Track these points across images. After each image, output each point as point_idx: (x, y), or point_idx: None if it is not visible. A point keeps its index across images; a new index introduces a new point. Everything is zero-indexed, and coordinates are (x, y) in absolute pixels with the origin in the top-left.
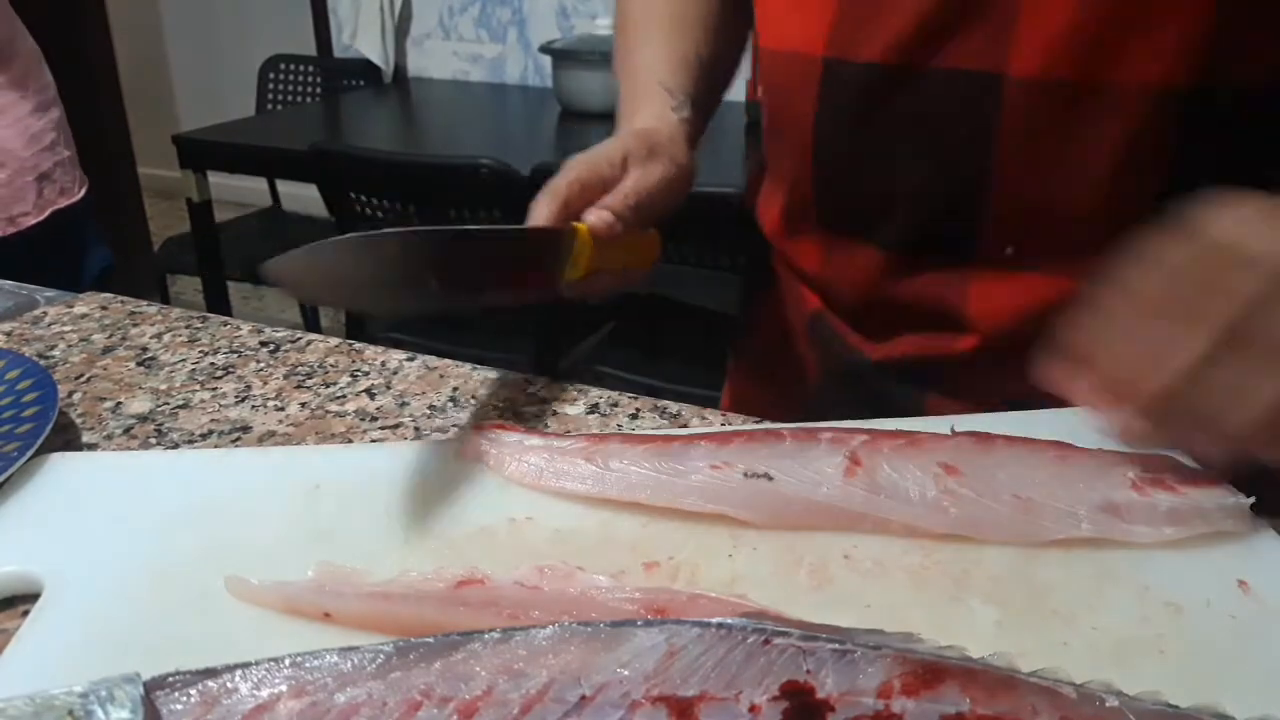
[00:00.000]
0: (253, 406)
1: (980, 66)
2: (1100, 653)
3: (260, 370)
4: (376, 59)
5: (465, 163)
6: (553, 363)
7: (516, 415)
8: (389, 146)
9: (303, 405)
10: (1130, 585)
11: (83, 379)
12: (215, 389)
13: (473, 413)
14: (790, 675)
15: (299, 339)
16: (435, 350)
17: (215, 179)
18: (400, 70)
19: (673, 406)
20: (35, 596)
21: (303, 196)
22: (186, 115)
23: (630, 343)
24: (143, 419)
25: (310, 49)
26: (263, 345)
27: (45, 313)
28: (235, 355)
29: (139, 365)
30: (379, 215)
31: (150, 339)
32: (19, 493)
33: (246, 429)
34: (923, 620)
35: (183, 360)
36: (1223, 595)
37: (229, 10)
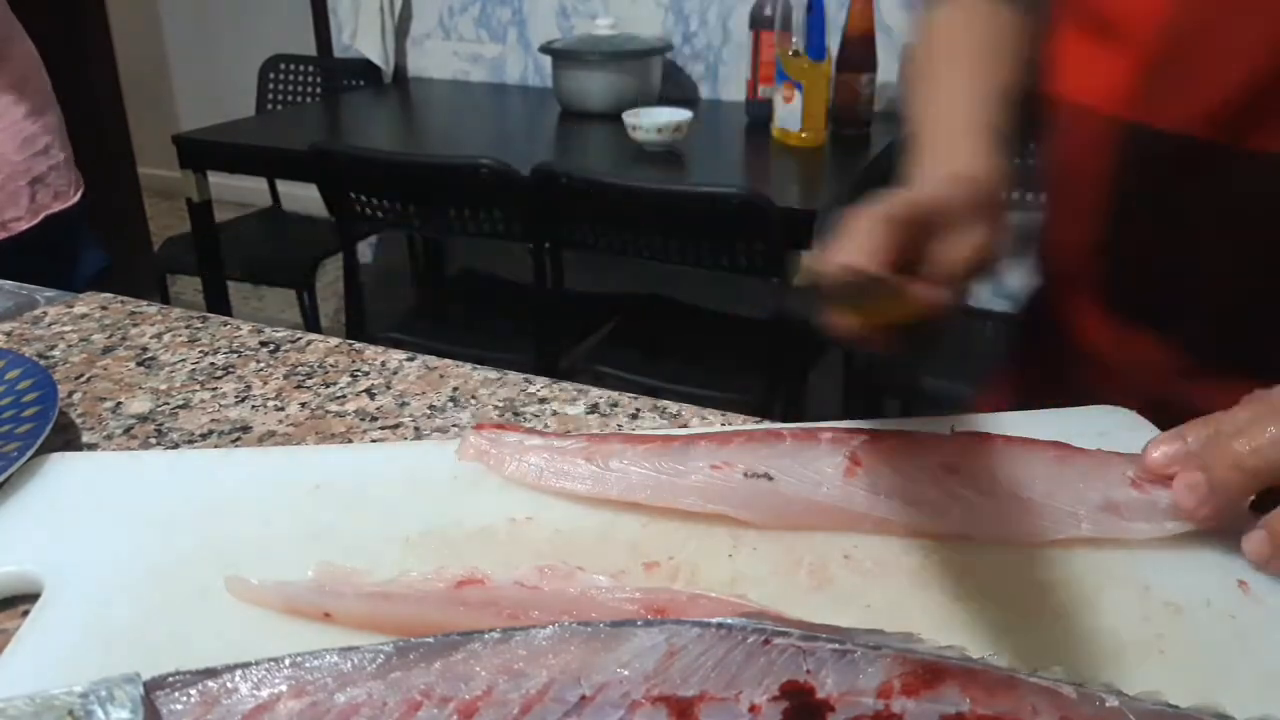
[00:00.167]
0: (253, 406)
1: None
2: (1100, 653)
3: (260, 370)
4: (376, 59)
5: (465, 163)
6: (553, 363)
7: (516, 415)
8: (389, 146)
9: (303, 405)
10: (1130, 585)
11: (83, 379)
12: (215, 389)
13: (473, 413)
14: (790, 675)
15: (299, 339)
16: (435, 350)
17: (215, 179)
18: (400, 70)
19: (673, 406)
20: (35, 596)
21: (303, 196)
22: (186, 115)
23: (630, 343)
24: (143, 419)
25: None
26: (263, 345)
27: (45, 313)
28: (235, 355)
29: (139, 365)
30: (379, 215)
31: (150, 339)
32: (19, 493)
33: (246, 429)
34: (923, 620)
35: (183, 360)
36: (1223, 595)
37: (229, 10)
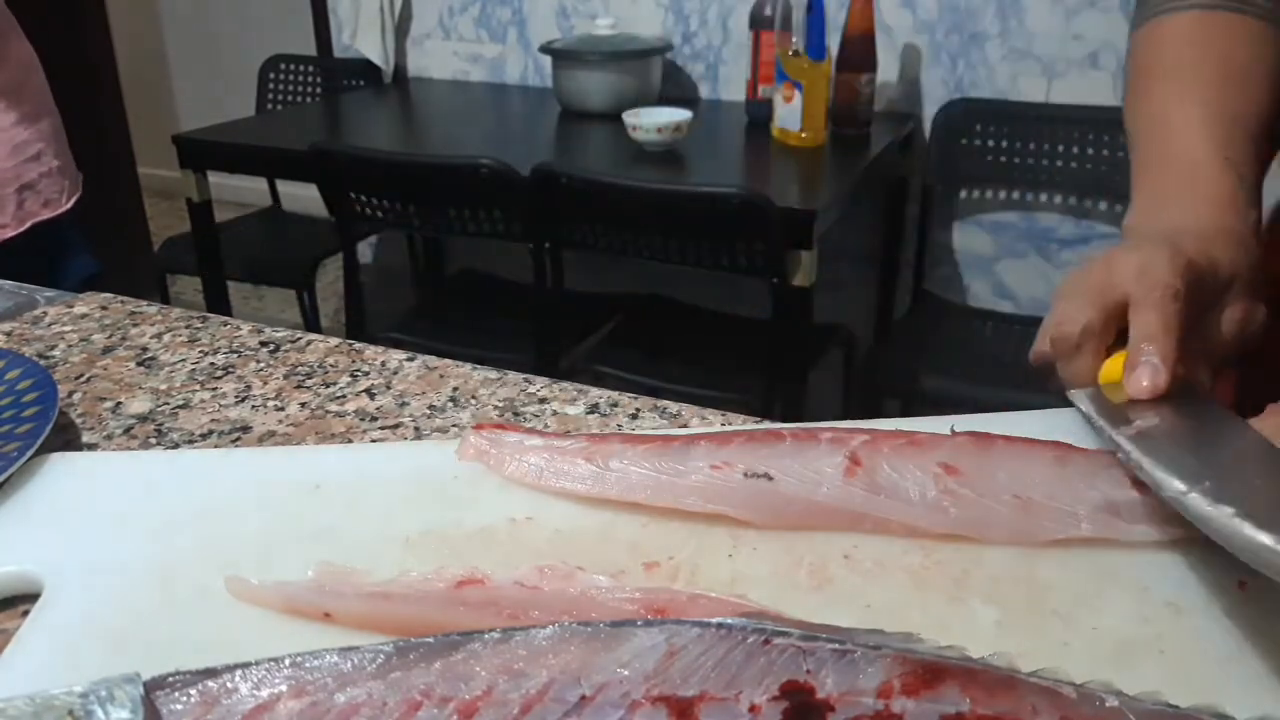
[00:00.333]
0: (253, 406)
1: None
2: (1100, 653)
3: (260, 370)
4: (376, 59)
5: (465, 163)
6: (553, 363)
7: (516, 415)
8: (389, 146)
9: (303, 405)
10: (1130, 585)
11: (83, 379)
12: (215, 389)
13: (473, 413)
14: (790, 675)
15: (299, 339)
16: (435, 350)
17: (215, 179)
18: (400, 70)
19: (673, 406)
20: (35, 596)
21: (303, 196)
22: (186, 115)
23: (630, 343)
24: (143, 419)
25: (310, 49)
26: (263, 345)
27: (45, 313)
28: (235, 355)
29: (139, 365)
30: (379, 215)
31: (150, 339)
32: (19, 493)
33: (246, 429)
34: (923, 620)
35: (183, 360)
36: (1223, 595)
37: (229, 10)
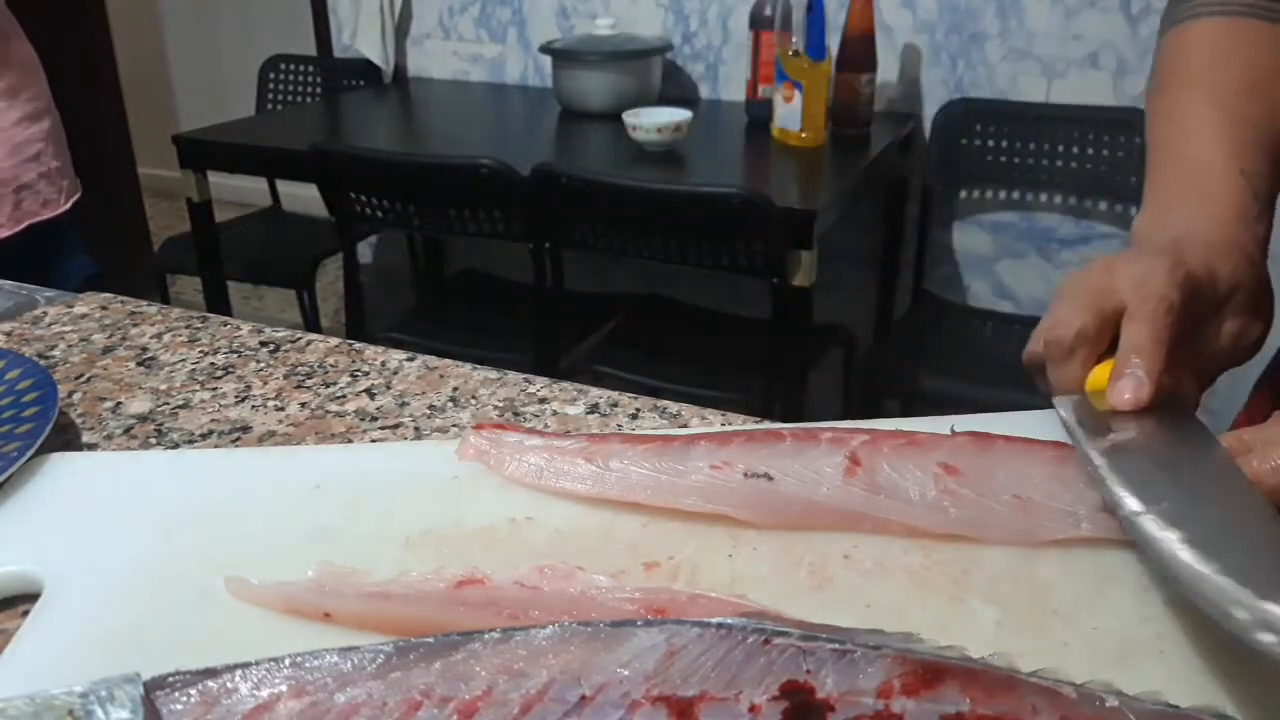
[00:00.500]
0: (253, 406)
1: None
2: (1100, 653)
3: (260, 370)
4: (376, 59)
5: (465, 163)
6: (553, 363)
7: (516, 415)
8: (389, 146)
9: (303, 405)
10: (1130, 585)
11: (83, 379)
12: (215, 389)
13: (473, 413)
14: (790, 675)
15: (299, 339)
16: (435, 350)
17: (215, 179)
18: (400, 70)
19: (673, 406)
20: (35, 596)
21: (303, 196)
22: (186, 115)
23: (630, 343)
24: (143, 419)
25: (310, 49)
26: (263, 345)
27: (45, 313)
28: (235, 355)
29: (139, 365)
30: (379, 215)
31: (150, 339)
32: (19, 493)
33: (246, 429)
34: (923, 620)
35: (183, 360)
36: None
37: (229, 10)
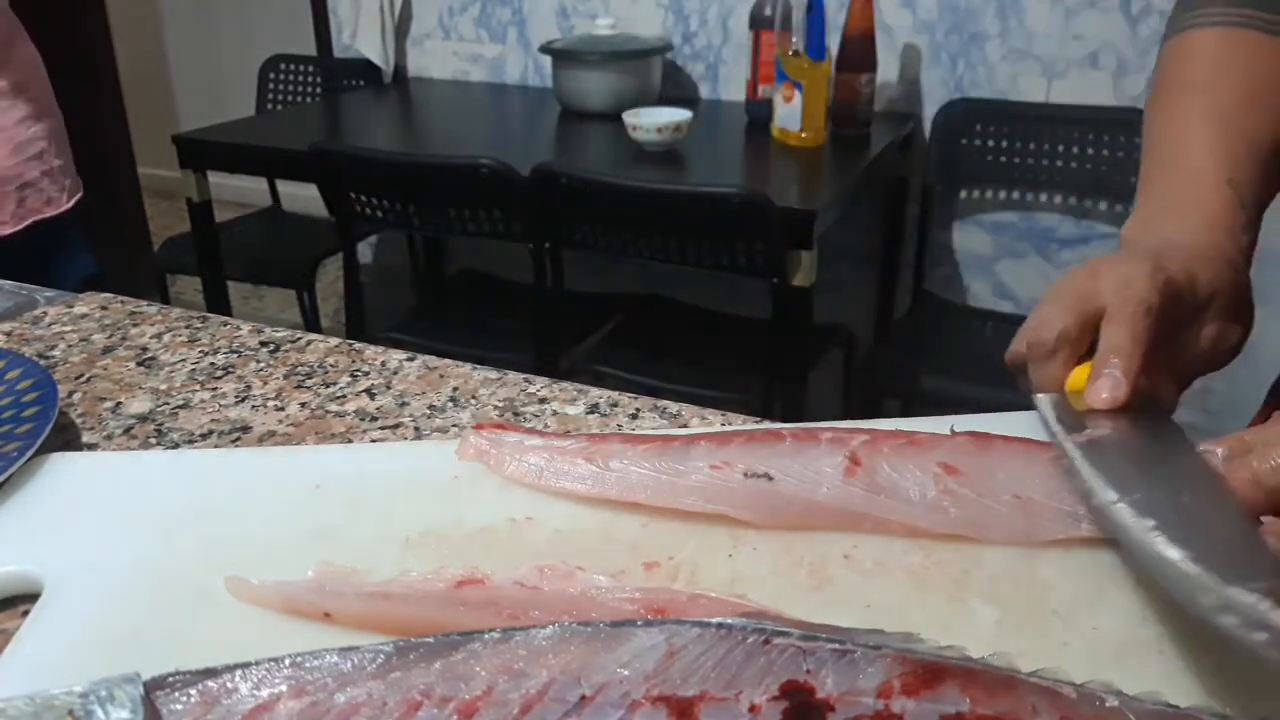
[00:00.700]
0: (253, 406)
1: None
2: (1100, 653)
3: (260, 370)
4: (376, 59)
5: (465, 163)
6: (553, 363)
7: (516, 415)
8: (389, 146)
9: (303, 405)
10: (1130, 585)
11: (83, 379)
12: (215, 389)
13: (473, 413)
14: (790, 675)
15: (299, 339)
16: (435, 350)
17: (215, 179)
18: (400, 70)
19: (673, 406)
20: (35, 596)
21: (303, 196)
22: (186, 115)
23: (630, 343)
24: (143, 419)
25: (310, 49)
26: (263, 345)
27: (45, 313)
28: (235, 355)
29: (139, 365)
30: (379, 215)
31: (150, 339)
32: (19, 493)
33: (246, 429)
34: (923, 620)
35: (183, 360)
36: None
37: (229, 10)
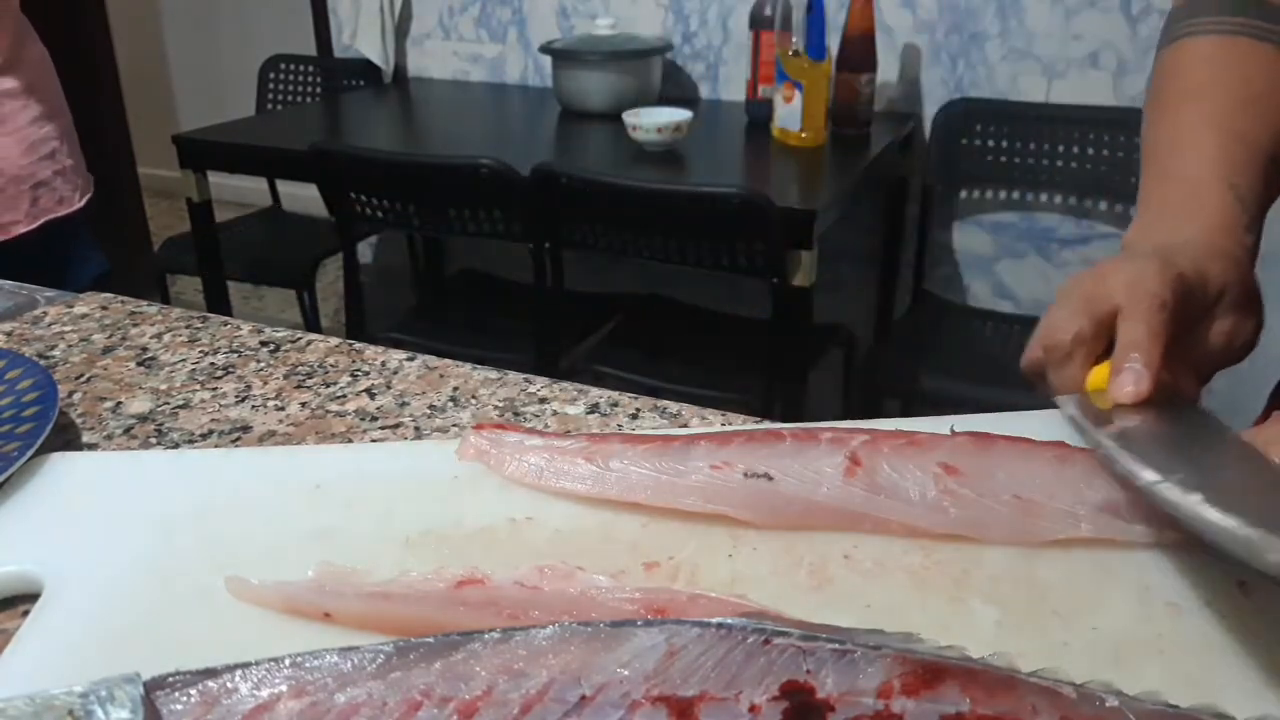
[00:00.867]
0: (253, 406)
1: None
2: (1100, 653)
3: (260, 370)
4: (376, 59)
5: (465, 163)
6: (553, 363)
7: (516, 415)
8: (389, 146)
9: (303, 405)
10: (1130, 585)
11: (83, 379)
12: (215, 389)
13: (473, 413)
14: (790, 675)
15: (299, 339)
16: (435, 350)
17: (215, 179)
18: (400, 70)
19: (673, 406)
20: (35, 596)
21: (303, 196)
22: (186, 115)
23: (630, 343)
24: (143, 419)
25: (310, 49)
26: (263, 345)
27: (45, 313)
28: (235, 355)
29: (139, 365)
30: (379, 215)
31: (150, 339)
32: (19, 493)
33: (246, 429)
34: (923, 620)
35: (183, 360)
36: (1223, 595)
37: (229, 10)
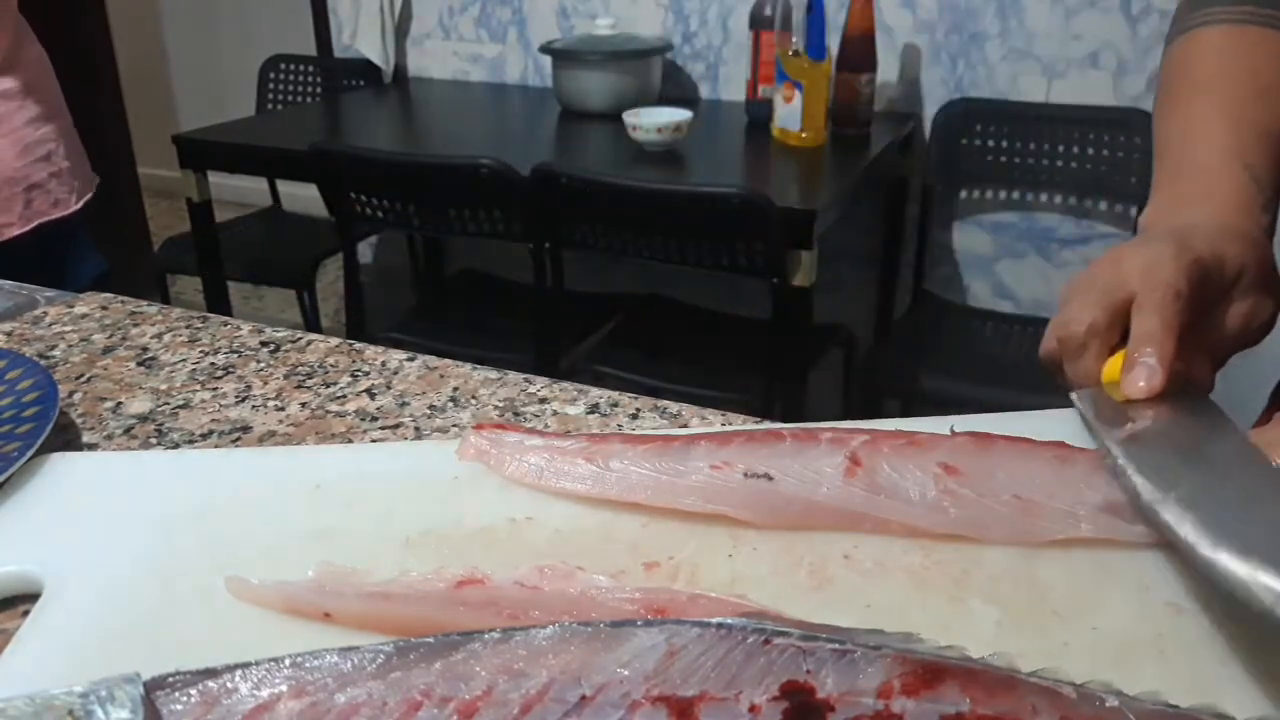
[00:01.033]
0: (253, 406)
1: None
2: (1100, 653)
3: (260, 370)
4: (376, 59)
5: (465, 163)
6: (553, 363)
7: (516, 415)
8: (389, 146)
9: (303, 405)
10: (1130, 585)
11: (83, 379)
12: (215, 389)
13: (473, 413)
14: (790, 675)
15: (299, 339)
16: (435, 350)
17: (215, 179)
18: (400, 70)
19: (673, 406)
20: (35, 596)
21: (303, 196)
22: (186, 115)
23: (630, 343)
24: (143, 419)
25: (310, 49)
26: (263, 345)
27: (45, 313)
28: (235, 355)
29: (139, 365)
30: (379, 215)
31: (150, 339)
32: (19, 493)
33: (246, 429)
34: (923, 620)
35: (183, 360)
36: (1223, 595)
37: (229, 10)
